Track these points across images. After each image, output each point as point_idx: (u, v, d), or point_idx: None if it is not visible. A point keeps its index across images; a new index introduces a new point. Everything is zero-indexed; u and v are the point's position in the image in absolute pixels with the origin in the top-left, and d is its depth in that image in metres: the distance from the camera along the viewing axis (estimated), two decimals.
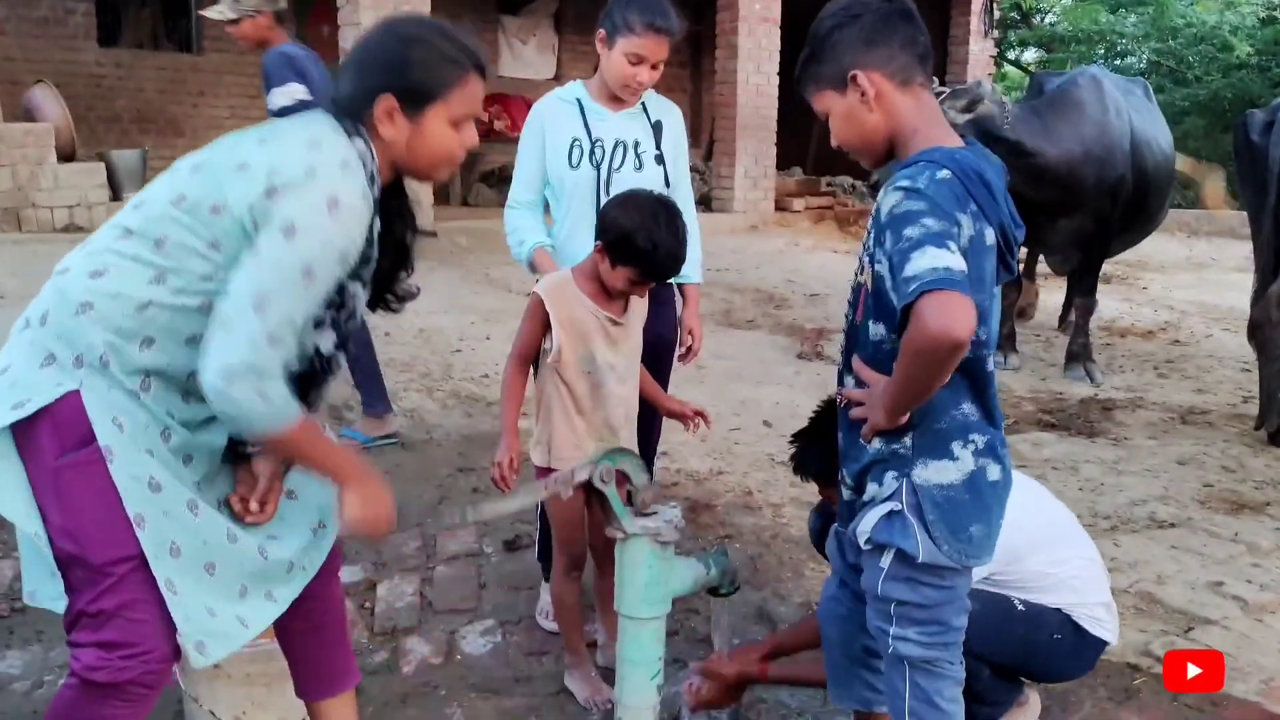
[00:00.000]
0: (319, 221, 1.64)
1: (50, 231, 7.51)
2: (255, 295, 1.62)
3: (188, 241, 1.71)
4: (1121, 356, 6.69)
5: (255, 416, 1.66)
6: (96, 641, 1.74)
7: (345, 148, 1.73)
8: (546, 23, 13.61)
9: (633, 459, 2.32)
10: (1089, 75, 6.08)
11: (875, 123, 1.80)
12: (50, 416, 1.69)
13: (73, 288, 1.73)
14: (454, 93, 1.80)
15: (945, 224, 1.61)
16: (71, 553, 1.72)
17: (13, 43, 9.99)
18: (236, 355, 1.61)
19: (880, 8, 1.78)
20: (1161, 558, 3.54)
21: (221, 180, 1.71)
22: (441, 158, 1.84)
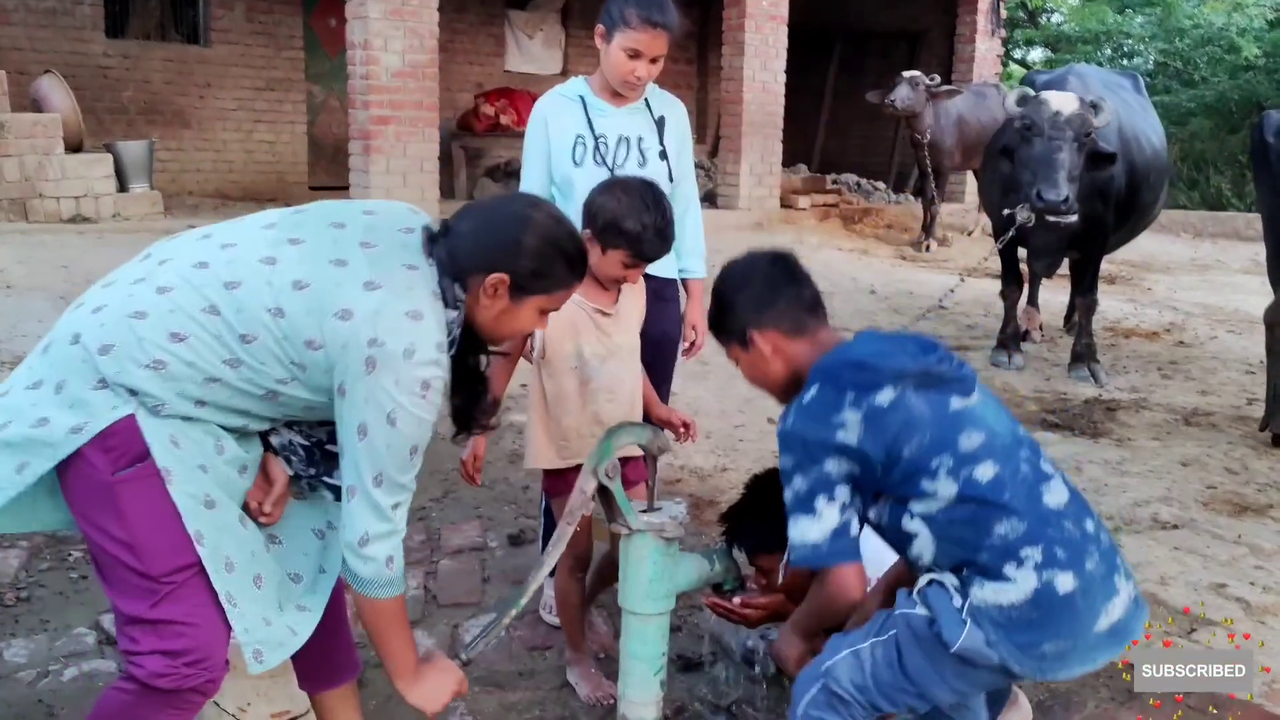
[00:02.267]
0: (414, 406, 1.75)
1: (57, 222, 7.53)
2: (373, 473, 1.78)
3: (274, 350, 1.77)
4: (1126, 357, 6.69)
5: (382, 579, 1.83)
6: (162, 650, 1.78)
7: (440, 325, 1.80)
8: (553, 17, 13.60)
9: (625, 429, 2.30)
10: (1075, 74, 6.06)
11: (776, 370, 2.03)
12: (101, 438, 1.72)
13: (150, 340, 1.74)
14: (558, 293, 1.95)
15: (811, 477, 1.83)
16: (129, 564, 1.76)
17: (20, 33, 10.00)
18: (368, 523, 1.79)
19: (766, 272, 2.04)
20: (1164, 559, 3.54)
21: (323, 322, 1.75)
22: (517, 335, 2.04)
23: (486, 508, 3.82)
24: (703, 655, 2.78)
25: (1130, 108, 6.13)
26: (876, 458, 1.82)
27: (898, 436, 1.81)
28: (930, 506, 1.82)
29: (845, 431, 1.82)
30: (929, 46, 14.15)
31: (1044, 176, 5.16)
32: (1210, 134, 16.86)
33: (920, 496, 1.82)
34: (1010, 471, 1.82)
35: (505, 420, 4.82)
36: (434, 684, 1.97)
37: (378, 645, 1.94)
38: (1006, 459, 1.83)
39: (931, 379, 1.85)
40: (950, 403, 1.85)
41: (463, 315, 1.87)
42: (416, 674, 1.96)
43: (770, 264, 2.07)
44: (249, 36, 11.38)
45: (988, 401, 1.92)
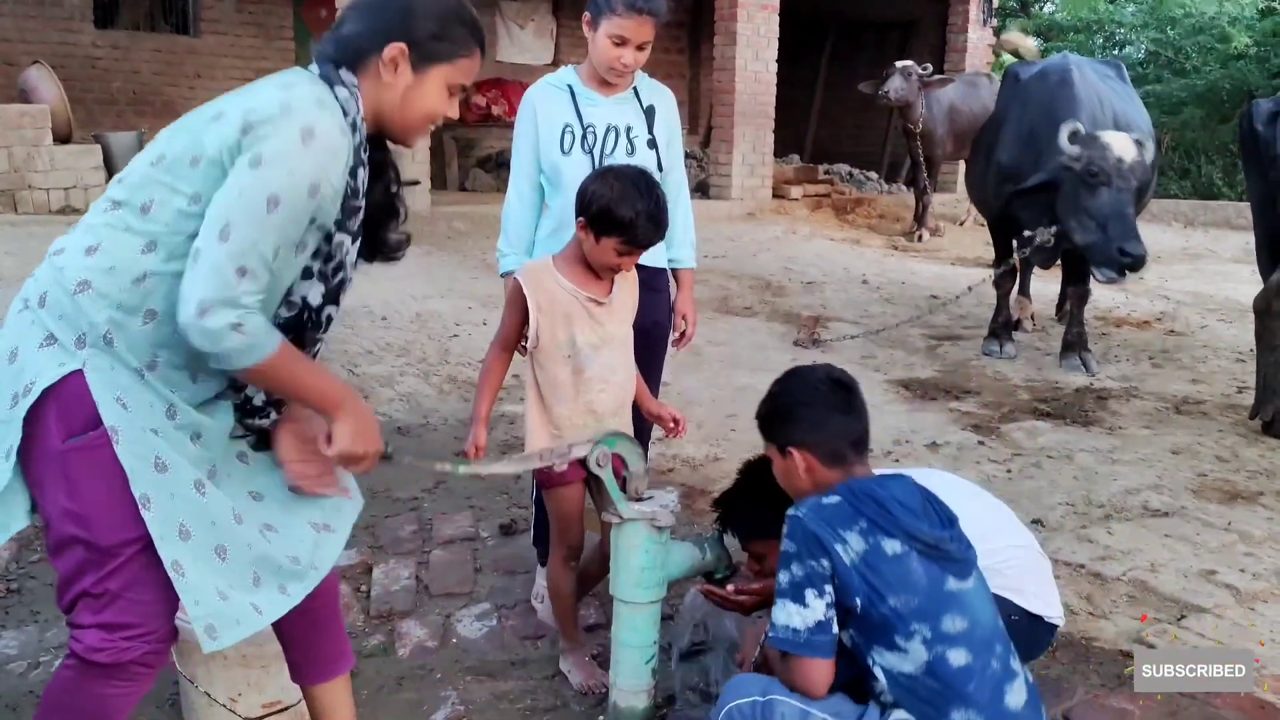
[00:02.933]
0: (289, 150, 1.63)
1: (46, 213, 7.50)
2: (219, 225, 1.61)
3: (171, 201, 1.69)
4: (1117, 346, 6.70)
5: (233, 349, 1.64)
6: (99, 623, 1.74)
7: (322, 90, 1.73)
8: (544, 7, 13.57)
9: (631, 444, 2.32)
10: (1066, 65, 6.04)
11: (804, 485, 2.05)
12: (55, 399, 1.68)
13: (69, 266, 1.71)
14: (461, 60, 1.83)
15: (806, 570, 1.86)
16: (77, 535, 1.71)
17: (9, 23, 9.95)
18: (205, 287, 1.61)
19: (825, 397, 2.05)
20: (1155, 546, 3.55)
21: (198, 132, 1.70)
22: (427, 116, 1.85)
23: (478, 498, 3.82)
24: (692, 643, 2.79)
25: (1120, 97, 6.13)
26: (858, 591, 1.85)
27: (888, 585, 1.84)
28: (897, 663, 1.85)
29: (845, 549, 1.85)
30: (921, 36, 14.14)
31: (1125, 232, 5.06)
32: (1201, 123, 16.88)
33: (891, 648, 1.85)
34: (981, 665, 1.85)
35: (497, 410, 4.82)
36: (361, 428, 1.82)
37: (290, 397, 1.83)
38: (981, 652, 1.86)
39: (937, 554, 1.88)
40: (946, 581, 1.87)
41: (359, 101, 1.76)
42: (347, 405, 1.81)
43: (831, 390, 2.06)
44: (239, 27, 11.34)
45: (980, 590, 1.93)
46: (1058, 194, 5.27)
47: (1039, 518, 3.74)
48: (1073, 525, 3.72)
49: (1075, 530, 3.67)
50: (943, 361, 6.17)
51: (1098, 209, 5.10)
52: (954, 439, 4.67)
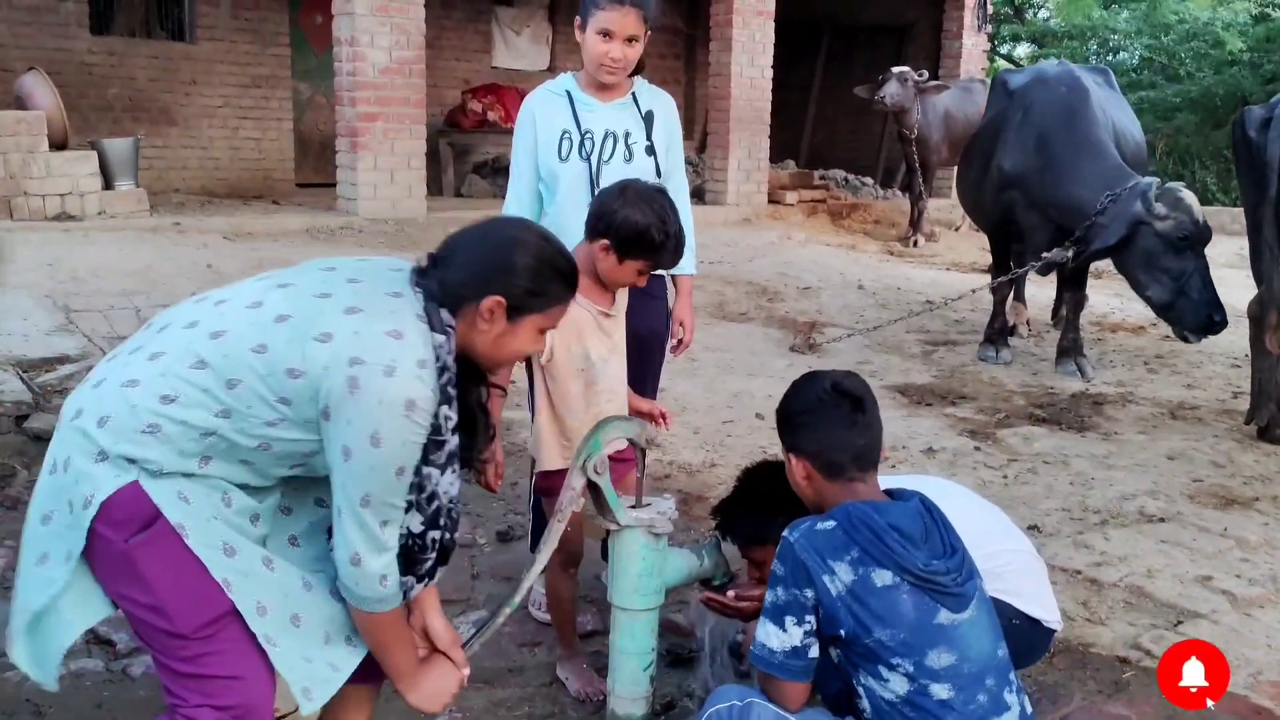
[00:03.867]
0: (398, 425, 1.74)
1: (42, 220, 7.48)
2: (360, 495, 1.76)
3: (259, 390, 1.76)
4: (1112, 352, 6.72)
5: (378, 595, 1.82)
6: (211, 704, 1.80)
7: (425, 344, 1.79)
8: (540, 14, 13.58)
9: (613, 424, 2.31)
10: (1073, 73, 6.05)
11: (805, 492, 2.08)
12: (106, 509, 1.74)
13: (142, 407, 1.76)
14: (553, 310, 1.95)
15: (790, 597, 1.88)
16: (160, 626, 1.78)
17: (4, 30, 9.93)
18: (358, 542, 1.78)
19: (830, 407, 2.04)
20: (1151, 552, 3.56)
21: (305, 347, 1.75)
22: (516, 356, 2.01)
23: (475, 504, 3.81)
24: (688, 650, 2.79)
25: (1113, 105, 6.16)
26: (843, 623, 1.86)
27: (875, 618, 1.84)
28: (879, 689, 1.87)
29: (832, 580, 1.86)
30: (916, 41, 14.17)
31: (1214, 298, 5.16)
32: (1195, 129, 16.91)
33: (874, 675, 1.87)
34: (964, 700, 1.85)
35: None
36: (435, 685, 1.99)
37: (378, 655, 1.95)
38: (966, 687, 1.85)
39: (931, 586, 1.87)
40: (937, 614, 1.86)
41: (453, 343, 1.86)
42: (417, 677, 1.97)
43: (836, 400, 2.04)
44: (235, 33, 11.32)
45: (979, 620, 1.92)
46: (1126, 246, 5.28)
47: (1035, 523, 3.74)
48: (1069, 531, 3.73)
49: (1071, 536, 3.68)
50: (938, 367, 6.18)
51: (1183, 272, 5.16)
52: (950, 444, 4.67)
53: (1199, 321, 5.17)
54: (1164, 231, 5.14)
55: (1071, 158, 5.50)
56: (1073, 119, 5.67)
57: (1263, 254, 4.79)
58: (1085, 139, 5.58)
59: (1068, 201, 5.51)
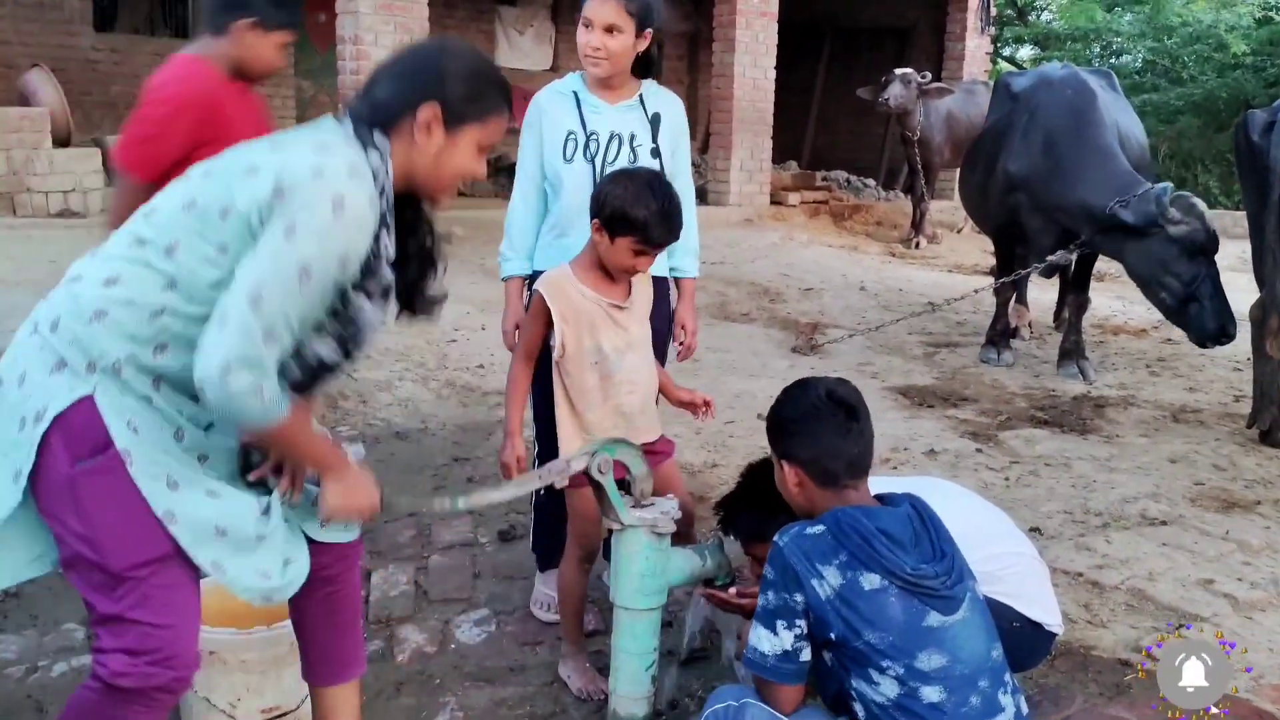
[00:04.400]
0: (321, 222, 1.65)
1: (45, 216, 7.50)
2: (251, 291, 1.63)
3: (197, 247, 1.71)
4: (1114, 354, 6.72)
5: (248, 411, 1.68)
6: (123, 647, 1.74)
7: (356, 156, 1.74)
8: (544, 13, 13.59)
9: (631, 449, 2.32)
10: (1078, 75, 6.04)
11: (796, 499, 2.08)
12: (62, 424, 1.69)
13: (86, 295, 1.73)
14: (491, 120, 1.86)
15: (780, 601, 1.90)
16: (89, 559, 1.72)
17: (8, 26, 9.95)
18: (233, 350, 1.62)
19: (823, 415, 2.02)
20: (1153, 555, 3.56)
21: (231, 183, 1.71)
22: (458, 175, 1.88)
23: None
24: (693, 650, 2.79)
25: (1117, 108, 6.15)
26: (833, 626, 1.87)
27: (864, 621, 1.85)
28: (870, 692, 1.87)
29: (821, 584, 1.87)
30: (918, 43, 14.17)
31: (1225, 310, 5.16)
32: (1198, 132, 16.92)
33: (865, 679, 1.87)
34: (956, 703, 1.85)
35: (493, 415, 4.82)
36: (351, 487, 1.89)
37: (291, 459, 1.89)
38: (958, 689, 1.85)
39: (919, 590, 1.87)
40: (926, 617, 1.86)
41: (389, 165, 1.78)
42: (338, 470, 1.88)
43: (830, 409, 2.03)
44: None
45: (971, 621, 1.91)
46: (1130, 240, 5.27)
47: (1037, 526, 3.74)
48: (1071, 533, 3.73)
49: (1073, 538, 3.67)
50: (940, 369, 6.18)
51: (1194, 280, 5.15)
52: (951, 446, 4.67)
53: (1211, 330, 5.18)
54: (1178, 236, 5.14)
55: (1079, 161, 5.50)
56: (1079, 122, 5.66)
57: (1264, 258, 4.79)
58: (1092, 142, 5.58)
59: (1075, 205, 5.51)
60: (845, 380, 2.12)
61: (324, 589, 2.06)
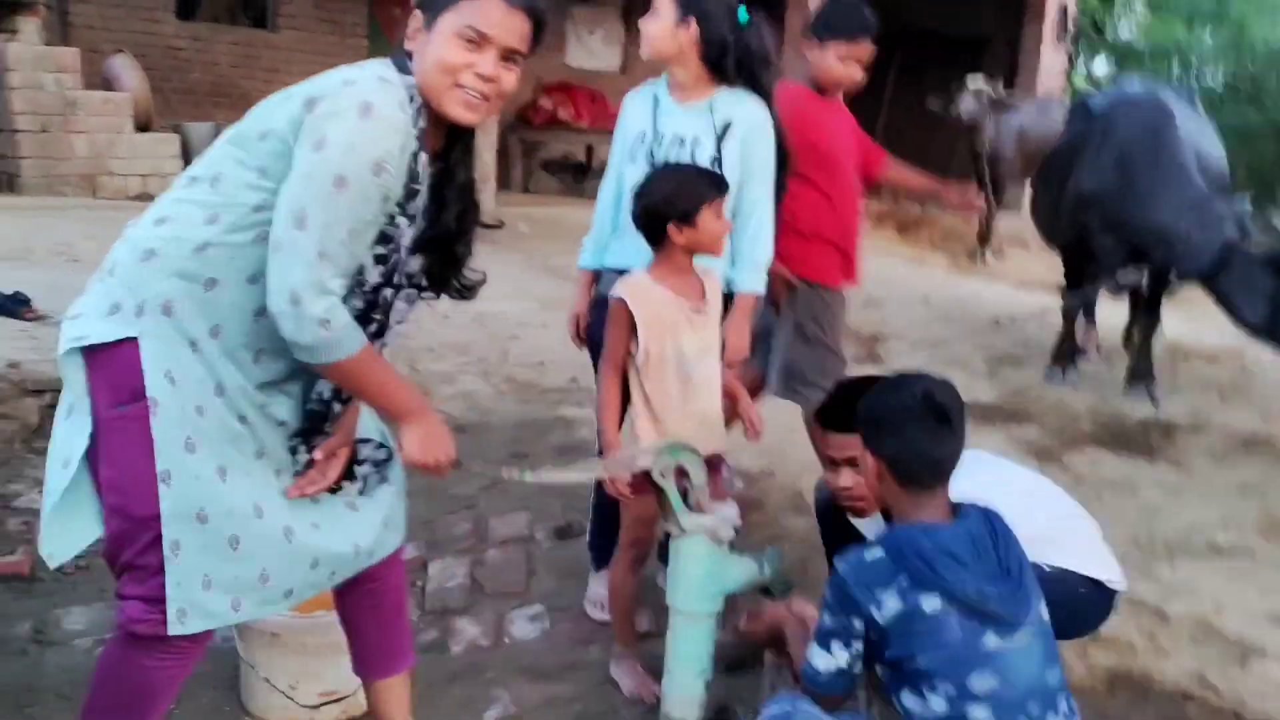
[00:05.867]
0: (348, 126, 1.64)
1: (124, 199, 7.68)
2: (294, 212, 1.64)
3: (238, 175, 1.74)
4: (1185, 378, 6.57)
5: (320, 341, 1.68)
6: (141, 595, 1.76)
7: (387, 72, 1.76)
8: (614, 14, 13.63)
9: (694, 456, 2.32)
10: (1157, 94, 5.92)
11: (875, 491, 2.04)
12: (107, 366, 1.71)
13: (139, 236, 1.78)
14: (465, 4, 1.76)
15: (838, 623, 1.91)
16: (115, 504, 1.74)
17: (95, 13, 10.20)
18: (292, 274, 1.64)
19: (917, 418, 1.96)
20: (1219, 585, 3.47)
21: (270, 108, 1.76)
22: (438, 66, 1.76)
23: (534, 499, 3.84)
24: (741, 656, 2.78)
25: (1197, 130, 6.01)
26: (890, 646, 1.87)
27: (920, 645, 1.84)
28: (918, 708, 1.86)
29: (879, 610, 1.87)
30: (992, 55, 13.97)
31: None
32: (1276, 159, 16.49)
33: (915, 693, 1.87)
34: None
35: (554, 414, 4.84)
36: (431, 437, 1.86)
37: (366, 400, 1.86)
38: (1008, 713, 1.83)
39: (978, 613, 1.85)
40: (984, 638, 1.84)
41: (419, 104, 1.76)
42: (419, 415, 1.85)
43: (924, 409, 1.97)
44: (315, 23, 11.52)
45: (1028, 647, 1.88)
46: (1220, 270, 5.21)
47: None
48: (1135, 560, 3.65)
49: (1138, 566, 3.60)
50: (1003, 385, 6.09)
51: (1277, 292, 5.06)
52: None
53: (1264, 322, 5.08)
54: (1260, 255, 5.03)
55: (1154, 181, 5.40)
56: (1156, 141, 5.55)
57: None
58: (1169, 162, 5.47)
59: (1149, 225, 5.40)
60: (948, 382, 2.06)
61: (366, 585, 2.08)
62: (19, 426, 3.85)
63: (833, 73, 3.38)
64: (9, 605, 2.88)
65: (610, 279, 2.90)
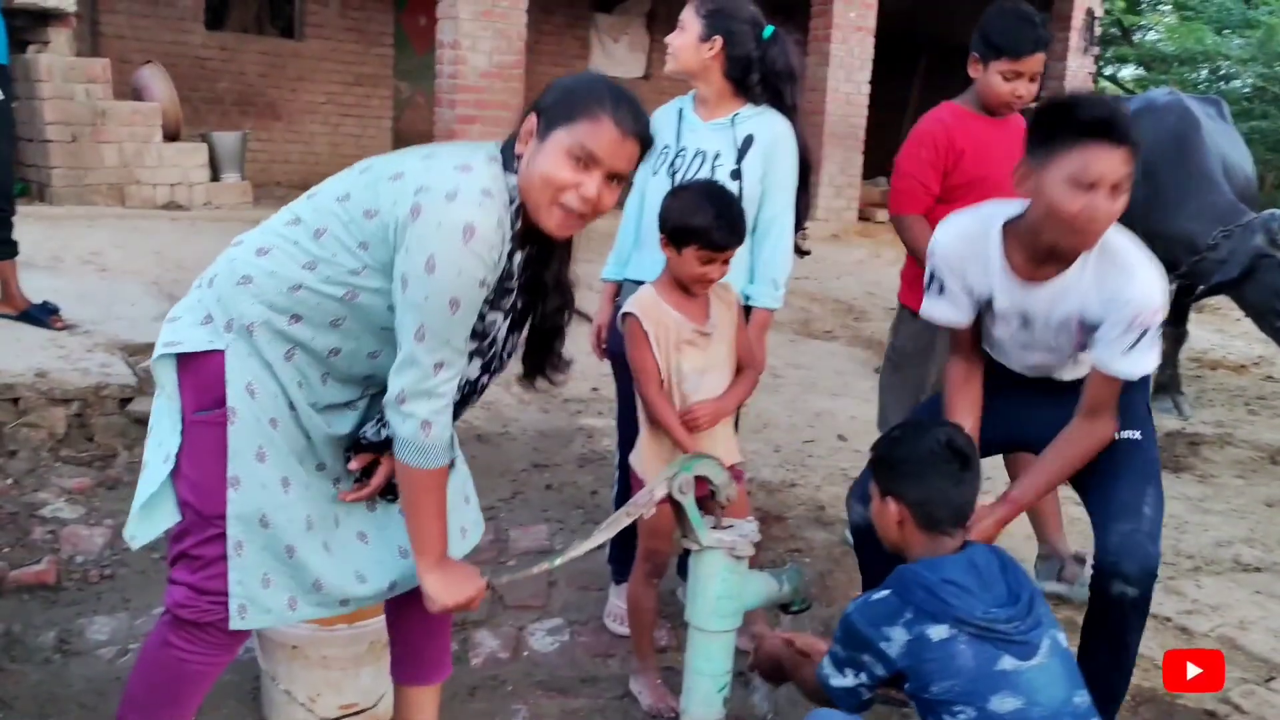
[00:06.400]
0: (454, 253, 1.71)
1: (152, 208, 7.76)
2: (415, 327, 1.75)
3: (342, 237, 1.82)
4: (1211, 390, 6.51)
5: (414, 443, 1.79)
6: (190, 583, 1.87)
7: (493, 177, 1.79)
8: (639, 22, 13.66)
9: (708, 461, 2.31)
10: (1183, 103, 5.87)
11: (893, 535, 2.07)
12: (194, 373, 1.84)
13: (240, 259, 1.88)
14: (582, 124, 1.80)
15: (850, 656, 1.96)
16: (187, 499, 1.86)
17: (124, 21, 10.32)
18: (408, 379, 1.77)
19: (939, 465, 2.01)
20: (1245, 602, 3.44)
21: (379, 187, 1.80)
22: (543, 180, 1.80)
23: (555, 510, 3.85)
24: None
25: (1225, 139, 5.96)
26: (907, 678, 1.90)
27: (932, 673, 1.86)
28: None
29: (889, 644, 1.90)
30: None
31: None
32: None
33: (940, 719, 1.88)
34: None
35: (574, 423, 4.85)
36: (454, 577, 1.92)
37: (408, 517, 1.91)
38: None
39: (990, 635, 1.85)
40: (999, 661, 1.85)
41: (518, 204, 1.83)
42: (441, 560, 1.91)
43: (947, 455, 2.01)
44: (341, 32, 11.62)
45: (1050, 667, 1.88)
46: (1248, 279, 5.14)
47: None
48: (1160, 575, 3.60)
49: (1163, 581, 3.56)
50: None
51: None
52: None
53: None
54: None
55: (1181, 190, 5.35)
56: (1182, 150, 5.50)
57: None
58: (1195, 171, 5.42)
59: (1176, 234, 5.35)
60: (960, 428, 2.13)
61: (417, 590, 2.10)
62: (46, 435, 3.90)
63: (997, 92, 3.15)
64: (34, 614, 2.92)
65: (632, 290, 2.92)
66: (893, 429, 2.17)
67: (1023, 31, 3.07)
